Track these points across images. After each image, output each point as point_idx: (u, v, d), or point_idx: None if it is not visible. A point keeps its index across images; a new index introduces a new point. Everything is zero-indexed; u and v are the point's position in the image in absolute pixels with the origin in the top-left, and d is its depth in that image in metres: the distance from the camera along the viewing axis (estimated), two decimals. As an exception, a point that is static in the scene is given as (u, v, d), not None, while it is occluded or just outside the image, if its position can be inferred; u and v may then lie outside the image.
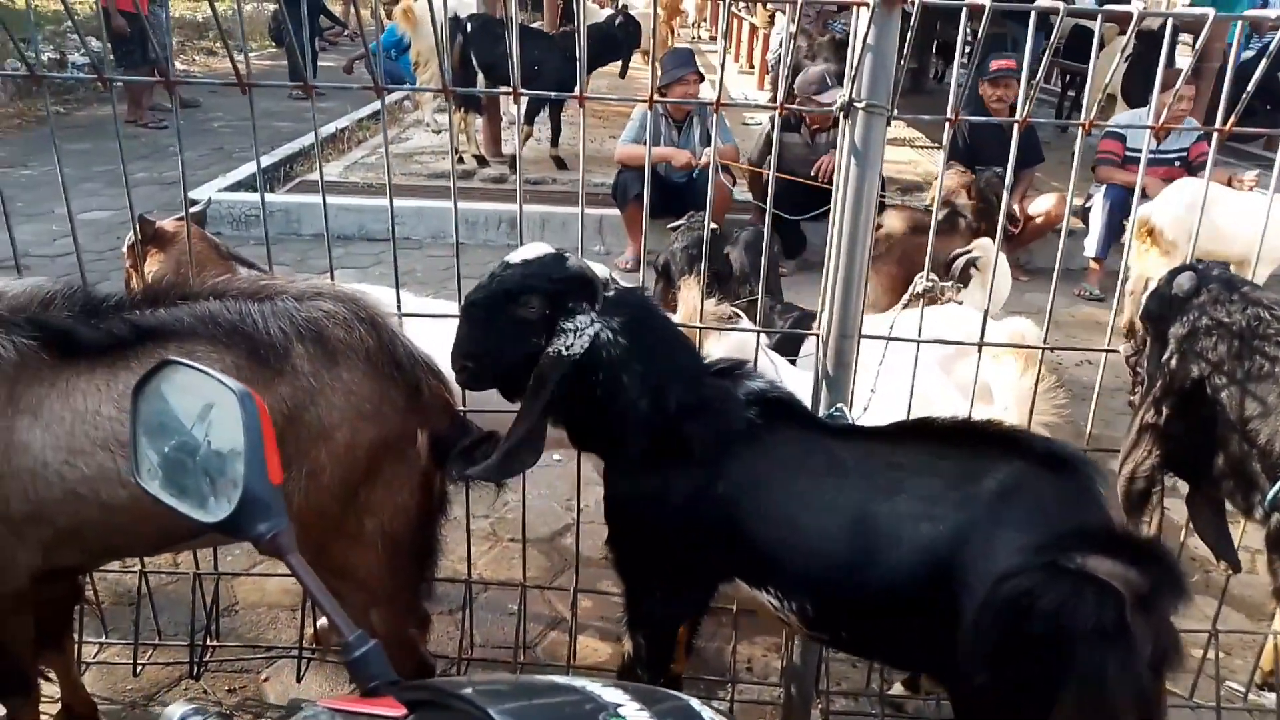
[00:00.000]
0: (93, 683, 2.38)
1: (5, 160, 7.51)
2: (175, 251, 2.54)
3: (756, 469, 1.71)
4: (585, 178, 2.24)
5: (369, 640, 0.81)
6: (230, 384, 0.87)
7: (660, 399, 1.73)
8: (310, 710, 0.72)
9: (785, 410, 1.78)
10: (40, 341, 1.74)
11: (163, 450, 0.95)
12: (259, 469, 0.84)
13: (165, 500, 0.93)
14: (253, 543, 0.85)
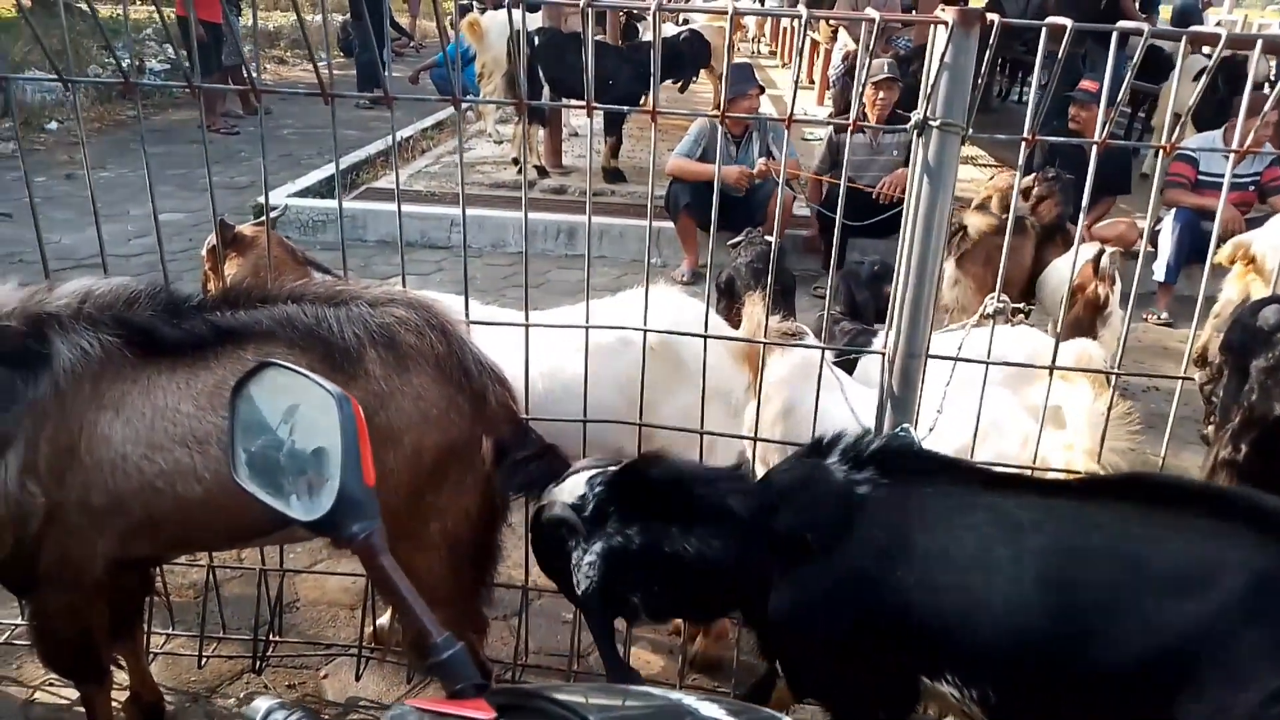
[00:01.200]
0: (159, 672, 2.45)
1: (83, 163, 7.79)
2: (253, 255, 2.62)
3: (900, 536, 1.51)
4: (643, 190, 2.26)
5: (456, 643, 0.82)
6: (328, 386, 0.89)
7: (722, 533, 1.59)
8: (399, 710, 0.74)
9: (919, 463, 1.60)
10: (124, 339, 1.80)
11: (258, 449, 0.98)
12: (355, 470, 0.86)
13: (261, 497, 0.95)
14: (346, 542, 0.87)
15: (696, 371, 2.32)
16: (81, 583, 1.88)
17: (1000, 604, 1.42)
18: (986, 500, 1.52)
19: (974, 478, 1.61)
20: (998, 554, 1.44)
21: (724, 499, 1.62)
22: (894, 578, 1.49)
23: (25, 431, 1.74)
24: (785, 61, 14.53)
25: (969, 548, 1.47)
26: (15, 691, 2.43)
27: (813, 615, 1.57)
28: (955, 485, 1.57)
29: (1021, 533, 1.45)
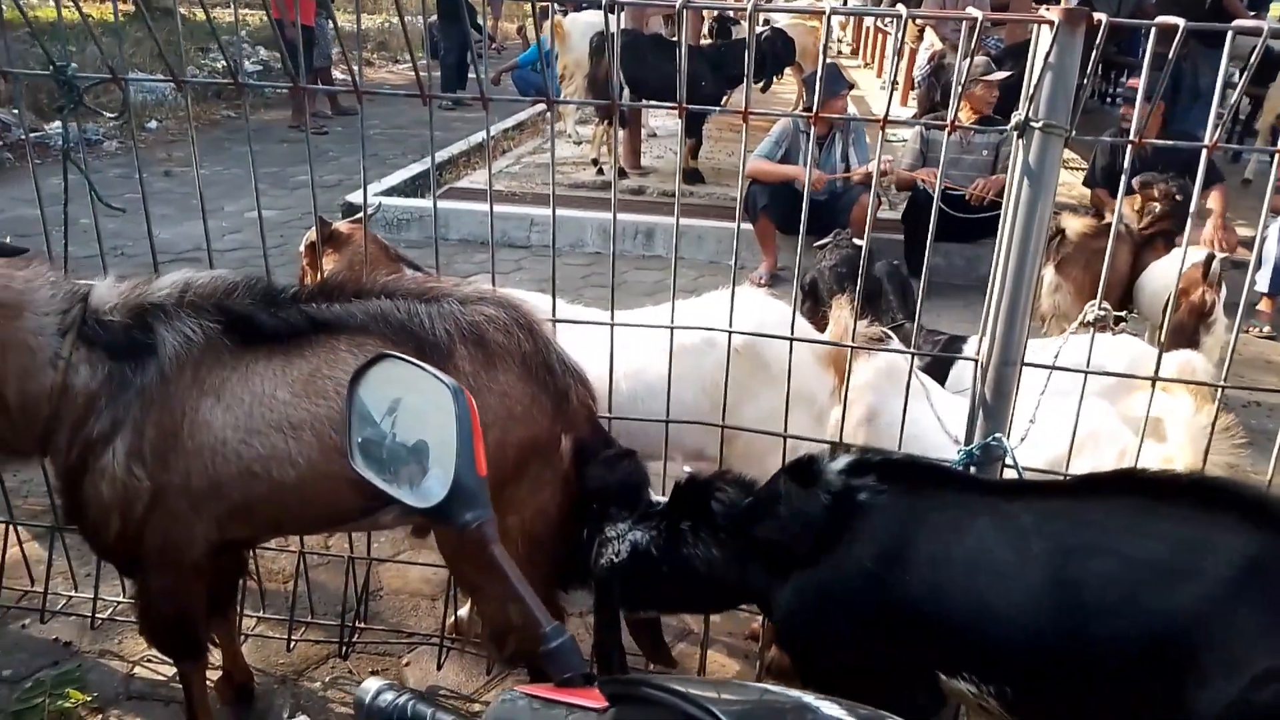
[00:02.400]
0: (249, 654, 2.53)
1: (184, 160, 8.10)
2: (348, 251, 2.69)
3: (904, 540, 1.54)
4: (721, 191, 2.26)
5: (565, 632, 0.83)
6: (444, 379, 0.92)
7: (727, 537, 1.69)
8: (509, 696, 0.75)
9: (917, 473, 1.63)
10: (225, 328, 1.87)
11: (367, 437, 1.01)
12: (469, 460, 0.88)
13: (376, 483, 0.98)
14: (459, 530, 0.89)
15: (780, 374, 2.31)
16: (182, 564, 1.95)
17: (1008, 604, 1.45)
18: (988, 504, 1.55)
19: (972, 484, 1.64)
20: (1003, 556, 1.47)
21: (711, 503, 1.70)
22: (898, 580, 1.52)
23: (133, 417, 1.81)
24: (867, 62, 14.33)
25: (974, 551, 1.50)
26: (117, 665, 2.55)
27: (812, 616, 1.61)
28: (955, 492, 1.60)
29: (1024, 535, 1.47)
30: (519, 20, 15.38)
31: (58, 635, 2.64)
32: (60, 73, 2.12)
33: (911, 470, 1.61)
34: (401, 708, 0.84)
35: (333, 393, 1.85)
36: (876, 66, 13.75)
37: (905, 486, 1.58)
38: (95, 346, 1.79)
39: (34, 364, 1.75)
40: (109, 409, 1.80)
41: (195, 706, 2.16)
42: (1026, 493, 1.60)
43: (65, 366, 1.78)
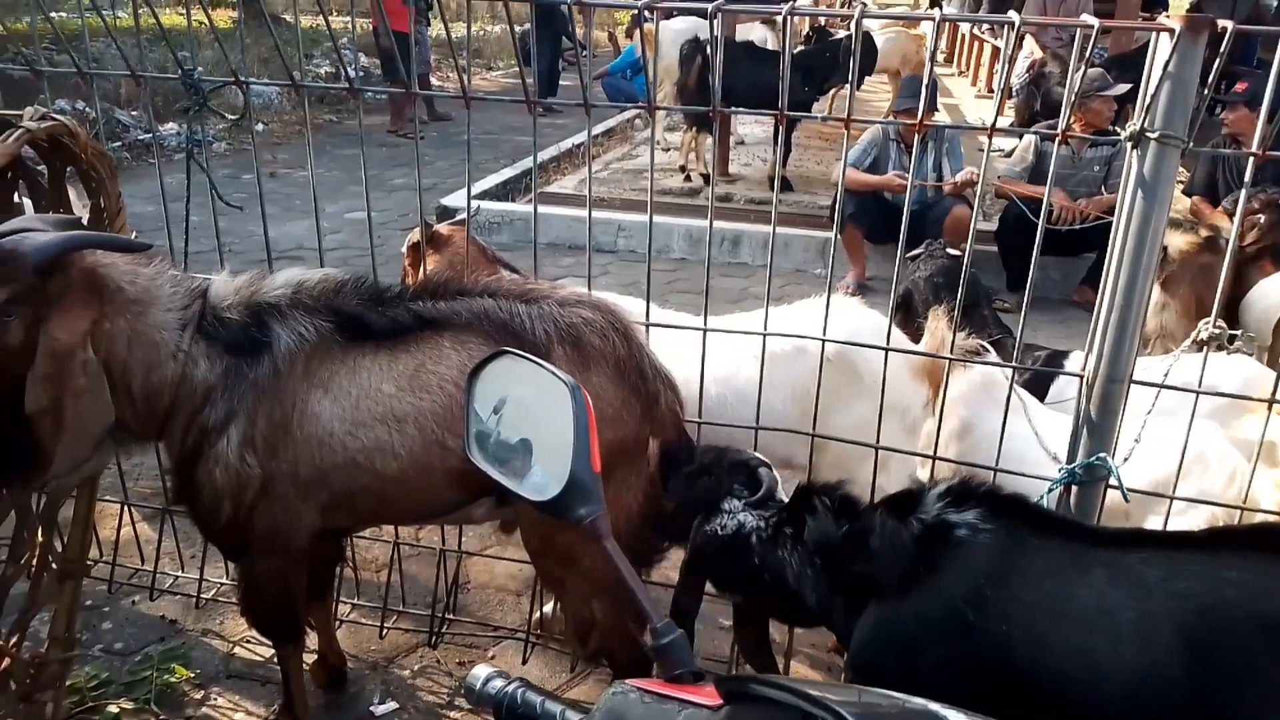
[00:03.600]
0: (342, 639, 2.61)
1: (288, 162, 8.43)
2: (448, 252, 2.77)
3: (1004, 585, 1.41)
4: (809, 199, 2.25)
5: (675, 629, 0.84)
6: (562, 376, 0.94)
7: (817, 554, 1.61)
8: (620, 689, 0.76)
9: (1025, 512, 1.49)
10: (335, 325, 1.95)
11: (484, 430, 1.04)
12: (585, 456, 0.90)
13: (492, 475, 1.01)
14: (574, 525, 0.91)
15: (872, 384, 2.28)
16: (287, 549, 2.04)
17: (1127, 669, 1.30)
18: (1105, 556, 1.40)
19: (1086, 531, 1.50)
20: (1122, 615, 1.33)
21: (810, 520, 1.64)
22: (993, 627, 1.40)
23: (246, 408, 1.90)
24: (961, 70, 14.03)
25: (1088, 607, 1.36)
26: (218, 644, 2.67)
27: (888, 650, 1.51)
28: (1067, 538, 1.46)
29: (1148, 591, 1.33)
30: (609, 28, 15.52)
31: (164, 613, 2.78)
32: (188, 76, 2.23)
33: (1019, 509, 1.49)
34: (511, 695, 0.86)
35: (436, 388, 1.91)
36: (971, 75, 13.44)
37: (1011, 525, 1.46)
38: (214, 341, 1.88)
39: (157, 357, 1.85)
40: (224, 400, 1.89)
41: (292, 687, 2.25)
42: (1148, 543, 1.46)
43: (185, 359, 1.87)
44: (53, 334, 1.70)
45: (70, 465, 1.79)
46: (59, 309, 1.71)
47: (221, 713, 2.42)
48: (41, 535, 2.33)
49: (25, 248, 1.64)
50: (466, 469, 1.92)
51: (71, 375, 1.72)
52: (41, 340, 1.69)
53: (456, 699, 2.49)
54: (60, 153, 2.15)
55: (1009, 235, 5.49)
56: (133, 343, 1.82)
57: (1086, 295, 5.44)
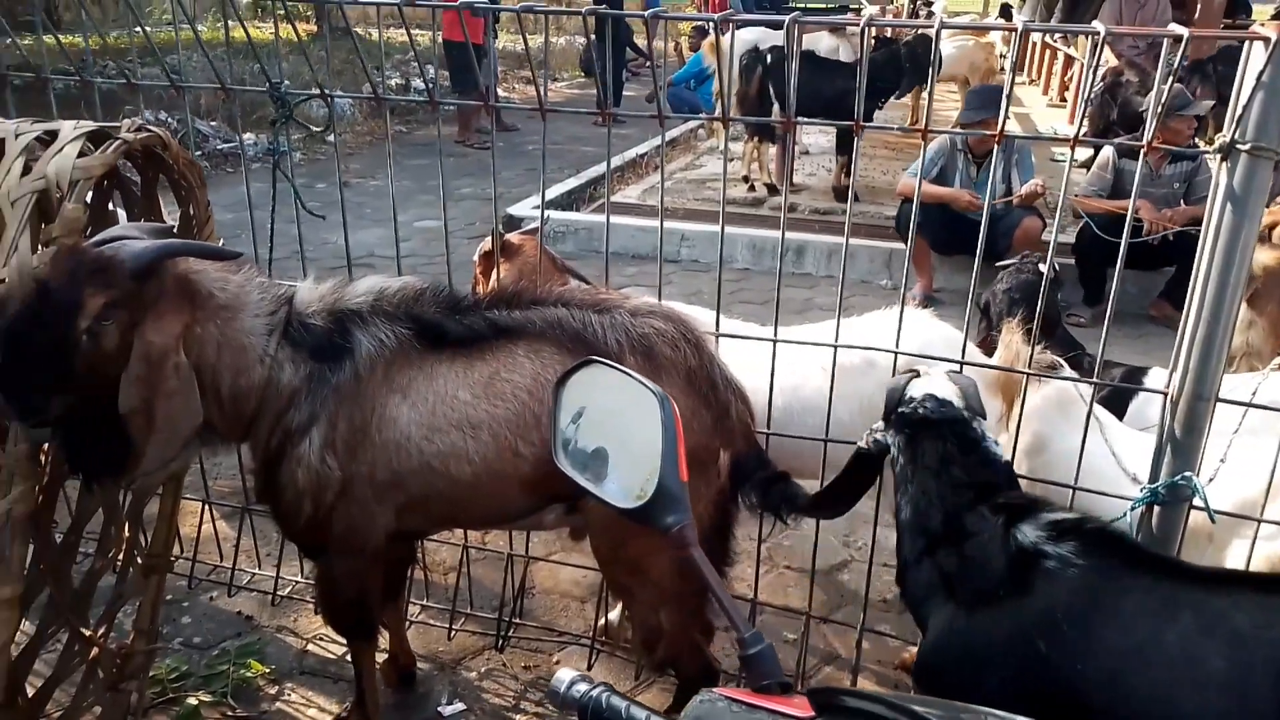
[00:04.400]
0: (411, 640, 2.66)
1: (359, 172, 8.63)
2: (518, 261, 2.81)
3: (1085, 624, 1.36)
4: (874, 209, 2.24)
5: (764, 640, 0.85)
6: (650, 386, 0.96)
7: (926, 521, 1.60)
8: (708, 697, 0.77)
9: (1120, 550, 1.44)
10: (414, 332, 1.99)
11: (572, 436, 1.06)
12: (673, 465, 0.91)
13: (580, 481, 1.03)
14: (661, 532, 0.92)
15: (945, 398, 2.25)
16: (363, 550, 2.08)
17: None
18: (1194, 598, 1.35)
19: (1178, 570, 1.46)
20: (1211, 664, 1.26)
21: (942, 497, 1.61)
22: (1068, 666, 1.36)
23: (328, 411, 1.95)
24: (1032, 79, 13.76)
25: (1173, 653, 1.30)
26: (292, 641, 2.74)
27: (953, 660, 1.50)
28: (1157, 578, 1.41)
29: (1240, 640, 1.27)
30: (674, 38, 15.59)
31: (241, 609, 2.86)
32: (275, 89, 2.31)
33: (1116, 546, 1.45)
34: (596, 699, 0.88)
35: (510, 395, 1.94)
36: (1042, 83, 13.18)
37: (1103, 563, 1.42)
38: (299, 346, 1.94)
39: (245, 361, 1.91)
40: (307, 403, 1.95)
41: (364, 684, 2.29)
42: (1241, 586, 1.39)
43: (271, 363, 1.93)
44: (147, 337, 1.77)
45: (160, 464, 1.86)
46: (153, 313, 1.77)
47: (295, 708, 2.48)
48: (128, 531, 2.43)
49: (123, 255, 1.71)
50: (538, 476, 1.96)
51: (164, 377, 1.79)
52: (136, 343, 1.76)
53: (522, 702, 2.52)
54: (153, 163, 2.25)
55: (1087, 249, 5.36)
56: (222, 347, 1.88)
57: (1164, 310, 5.28)
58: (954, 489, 1.60)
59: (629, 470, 0.99)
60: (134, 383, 1.76)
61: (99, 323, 1.71)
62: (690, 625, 2.11)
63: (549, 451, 1.92)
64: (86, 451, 1.87)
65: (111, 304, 1.72)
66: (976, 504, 1.57)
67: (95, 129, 2.07)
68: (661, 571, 2.01)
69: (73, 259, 1.71)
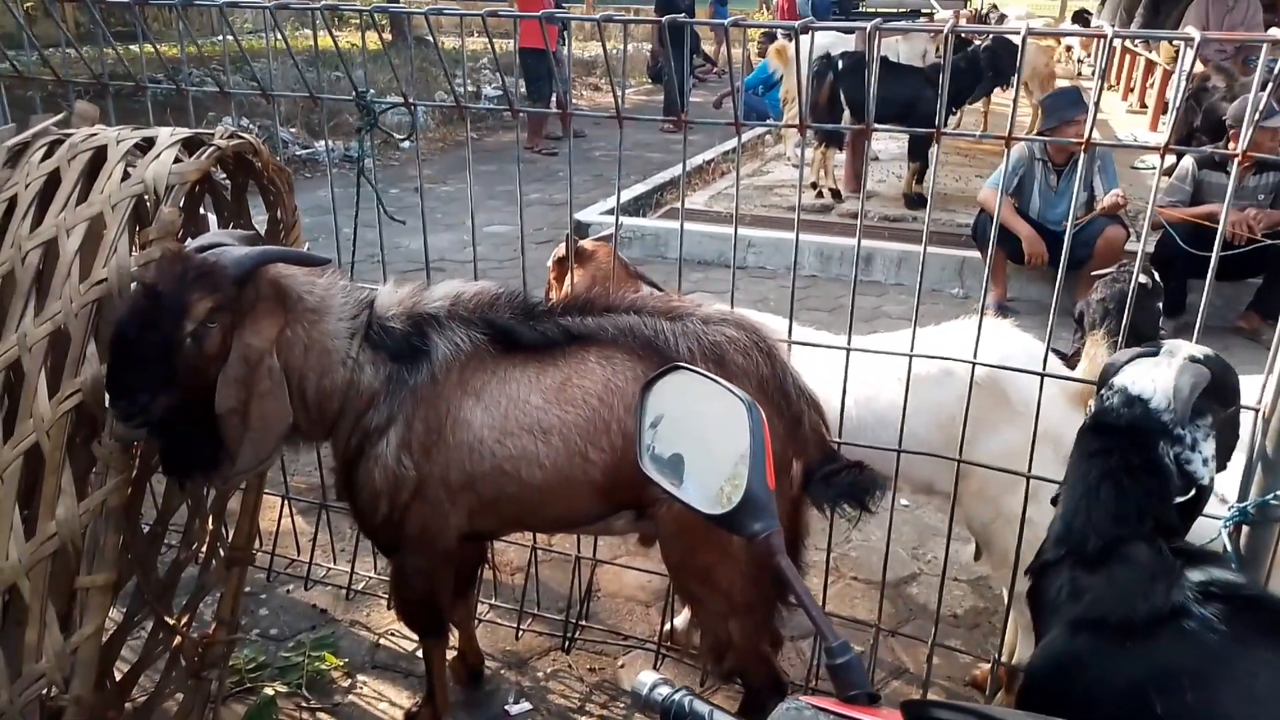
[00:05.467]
0: (479, 638, 2.69)
1: (431, 178, 8.79)
2: (591, 267, 2.84)
3: (1211, 696, 1.24)
4: (946, 217, 2.20)
5: (851, 650, 0.84)
6: (738, 393, 0.96)
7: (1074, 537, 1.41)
8: (795, 705, 0.77)
9: (1268, 621, 1.28)
10: (489, 337, 2.02)
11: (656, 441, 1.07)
12: (760, 472, 0.91)
13: (665, 486, 1.04)
14: (748, 539, 0.92)
15: (1023, 410, 2.21)
16: (435, 549, 2.13)
17: None
18: None
19: None
20: None
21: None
22: None
23: (405, 413, 2.00)
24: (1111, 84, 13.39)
25: None
26: (365, 635, 2.80)
27: (1059, 685, 1.38)
28: None
29: None
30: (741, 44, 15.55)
31: (316, 602, 2.94)
32: (361, 97, 2.37)
33: (1263, 612, 1.30)
34: (679, 704, 0.88)
35: (581, 401, 1.96)
36: (1121, 89, 12.82)
37: (1245, 631, 1.28)
38: (379, 349, 1.99)
39: (330, 362, 1.97)
40: (386, 404, 2.00)
41: (434, 680, 2.34)
42: None
43: (353, 365, 1.98)
44: (246, 340, 1.83)
45: (254, 463, 1.92)
46: (252, 317, 1.85)
47: (367, 701, 2.54)
48: (211, 524, 2.51)
49: (225, 261, 1.78)
50: (608, 482, 1.98)
51: (259, 379, 1.85)
52: (235, 345, 1.83)
53: (587, 704, 2.54)
54: (244, 169, 2.33)
55: (1169, 260, 5.19)
56: (309, 349, 1.94)
57: (1253, 322, 5.09)
58: (1115, 509, 1.39)
59: (708, 476, 0.99)
60: (231, 384, 1.83)
61: (203, 326, 1.78)
62: (760, 635, 2.10)
63: (618, 458, 1.96)
64: (180, 451, 1.94)
65: (216, 308, 1.79)
66: (1139, 534, 1.37)
67: (190, 135, 2.16)
68: (731, 580, 2.00)
69: (179, 264, 1.78)
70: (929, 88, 7.00)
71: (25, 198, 2.17)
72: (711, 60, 15.89)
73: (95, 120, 2.41)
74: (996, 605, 2.93)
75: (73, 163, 2.16)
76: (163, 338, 1.75)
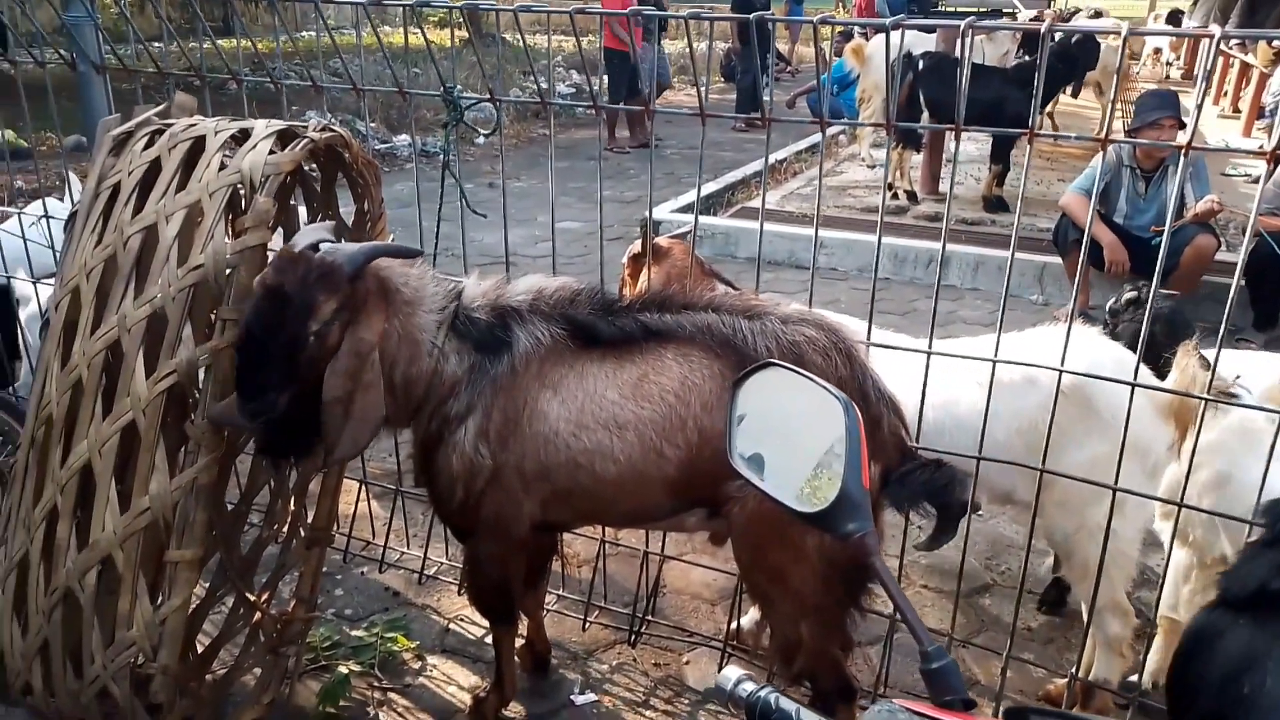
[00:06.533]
0: (546, 628, 2.72)
1: (506, 173, 8.91)
2: (666, 264, 2.84)
3: None
4: (1026, 221, 2.15)
5: (947, 655, 0.83)
6: (834, 392, 0.95)
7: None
8: (889, 707, 0.76)
9: None
10: (569, 332, 2.04)
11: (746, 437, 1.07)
12: (857, 472, 0.91)
13: (755, 482, 1.04)
14: (841, 539, 0.92)
15: (1110, 421, 2.16)
16: (508, 536, 2.16)
17: None
18: None
19: None
20: None
21: None
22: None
23: (485, 402, 2.03)
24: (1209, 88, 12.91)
25: None
26: (435, 619, 2.86)
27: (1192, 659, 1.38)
28: None
29: None
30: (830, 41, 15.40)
31: (389, 585, 3.01)
32: (449, 93, 2.41)
33: None
34: (766, 700, 0.88)
35: (657, 397, 1.96)
36: (1214, 93, 12.34)
37: None
38: (464, 339, 2.03)
39: (419, 352, 2.02)
40: (466, 393, 2.03)
41: (503, 666, 2.37)
42: None
43: (439, 354, 2.03)
44: (359, 334, 1.89)
45: (353, 450, 1.99)
46: (364, 313, 1.90)
47: (436, 684, 2.59)
48: (293, 505, 2.59)
49: (341, 259, 1.84)
50: (681, 478, 1.98)
51: (365, 370, 1.91)
52: (347, 340, 1.88)
53: (652, 699, 2.55)
54: (334, 161, 2.39)
55: (1262, 270, 4.99)
56: (401, 340, 1.99)
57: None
58: None
59: (798, 475, 0.98)
60: (339, 376, 1.88)
61: (326, 325, 1.84)
62: (830, 638, 2.07)
63: (693, 455, 1.96)
64: (281, 438, 1.99)
65: (339, 306, 1.85)
66: None
67: (284, 128, 2.23)
68: (804, 581, 1.99)
69: (301, 265, 1.84)
70: (1014, 88, 6.84)
71: (128, 185, 2.27)
72: (786, 59, 15.75)
73: (193, 111, 2.50)
74: (1072, 621, 2.85)
75: (173, 152, 2.25)
76: (291, 338, 1.81)
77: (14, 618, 2.20)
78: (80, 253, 2.25)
